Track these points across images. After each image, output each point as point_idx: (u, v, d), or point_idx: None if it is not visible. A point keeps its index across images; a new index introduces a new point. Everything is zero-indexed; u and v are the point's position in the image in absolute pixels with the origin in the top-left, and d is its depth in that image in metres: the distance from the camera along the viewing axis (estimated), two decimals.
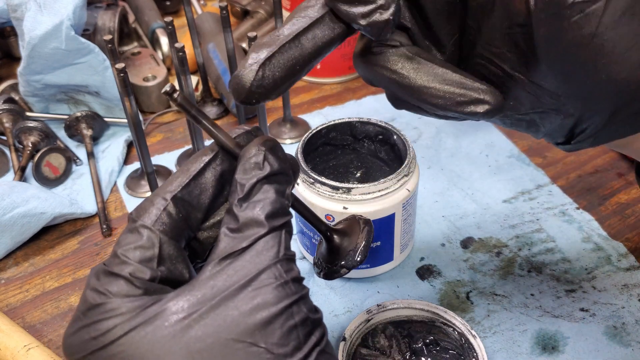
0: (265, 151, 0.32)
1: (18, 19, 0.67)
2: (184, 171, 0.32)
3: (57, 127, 0.73)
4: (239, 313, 0.28)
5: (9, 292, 0.56)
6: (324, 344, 0.30)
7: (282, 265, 0.30)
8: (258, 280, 0.29)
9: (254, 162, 0.31)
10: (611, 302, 0.51)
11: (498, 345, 0.49)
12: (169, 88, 0.31)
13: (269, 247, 0.30)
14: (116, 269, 0.29)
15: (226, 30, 0.60)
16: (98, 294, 0.29)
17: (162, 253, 0.30)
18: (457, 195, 0.63)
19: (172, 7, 0.97)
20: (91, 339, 0.28)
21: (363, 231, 0.39)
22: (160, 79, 0.76)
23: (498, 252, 0.57)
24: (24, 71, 0.67)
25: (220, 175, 0.33)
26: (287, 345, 0.28)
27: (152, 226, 0.30)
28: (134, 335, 0.28)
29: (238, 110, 0.66)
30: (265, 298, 0.29)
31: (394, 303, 0.49)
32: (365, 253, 0.38)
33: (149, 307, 0.28)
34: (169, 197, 0.31)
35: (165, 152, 0.71)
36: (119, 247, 0.30)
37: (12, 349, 0.48)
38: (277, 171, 0.32)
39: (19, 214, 0.56)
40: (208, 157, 0.33)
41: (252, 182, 0.31)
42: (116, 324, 0.28)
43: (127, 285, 0.29)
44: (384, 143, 0.55)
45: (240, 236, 0.30)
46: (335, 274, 0.39)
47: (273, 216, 0.31)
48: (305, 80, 0.82)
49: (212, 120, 0.33)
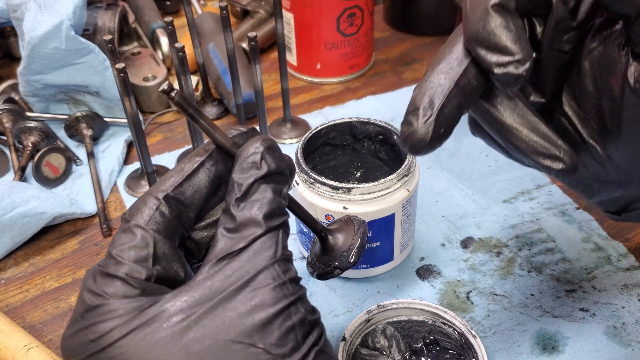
0: (262, 150, 0.32)
1: (18, 19, 0.67)
2: (178, 171, 0.32)
3: (57, 127, 0.73)
4: (237, 314, 0.28)
5: (9, 292, 0.56)
6: (322, 343, 0.30)
7: (279, 265, 0.30)
8: (256, 281, 0.29)
9: (252, 161, 0.31)
10: (611, 302, 0.51)
11: (498, 345, 0.49)
12: (166, 86, 0.30)
13: (266, 248, 0.30)
14: (112, 269, 0.29)
15: (226, 30, 0.60)
16: (95, 296, 0.29)
17: (157, 252, 0.30)
18: (457, 195, 0.63)
19: (172, 7, 0.97)
20: (89, 342, 0.28)
21: (357, 232, 0.39)
22: (160, 79, 0.76)
23: (498, 252, 0.57)
24: (24, 71, 0.67)
25: (214, 175, 0.33)
26: (286, 345, 0.28)
27: (146, 225, 0.30)
28: (133, 338, 0.28)
29: (238, 110, 0.66)
30: (263, 299, 0.29)
31: (394, 303, 0.49)
32: (359, 254, 0.38)
33: (147, 309, 0.28)
34: (161, 197, 0.31)
35: (165, 152, 0.71)
36: (114, 248, 0.30)
37: (12, 349, 0.48)
38: (275, 171, 0.32)
39: (19, 214, 0.56)
40: (202, 157, 0.33)
41: (249, 181, 0.31)
42: (114, 326, 0.28)
43: (123, 285, 0.29)
44: (384, 143, 0.55)
45: (238, 236, 0.30)
46: (328, 275, 0.39)
47: (270, 216, 0.31)
48: (305, 80, 0.82)
49: (209, 119, 0.32)
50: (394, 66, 0.85)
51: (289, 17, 0.78)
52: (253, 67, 0.60)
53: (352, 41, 0.79)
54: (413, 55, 0.87)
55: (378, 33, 0.92)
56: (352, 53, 0.80)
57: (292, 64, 0.83)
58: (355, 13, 0.77)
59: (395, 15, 0.92)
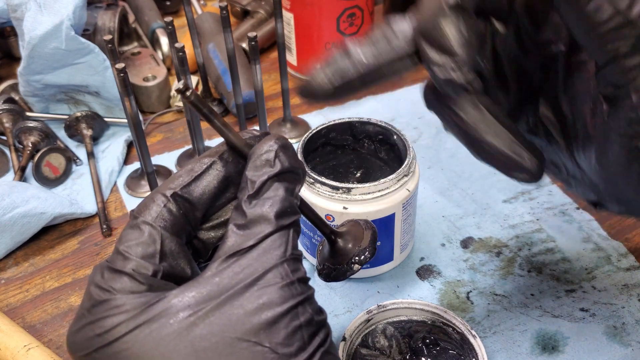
0: (277, 148, 0.32)
1: (18, 19, 0.67)
2: (188, 170, 0.33)
3: (57, 127, 0.73)
4: (244, 312, 0.28)
5: (9, 292, 0.56)
6: (328, 344, 0.30)
7: (288, 264, 0.30)
8: (264, 279, 0.29)
9: (265, 159, 0.31)
10: (611, 302, 0.51)
11: (498, 345, 0.49)
12: (182, 86, 0.30)
13: (276, 246, 0.30)
14: (119, 265, 0.29)
15: (226, 30, 0.60)
16: (102, 291, 0.29)
17: (164, 248, 0.30)
18: (457, 195, 0.63)
19: (172, 7, 0.97)
20: (96, 336, 0.28)
21: (367, 231, 0.39)
22: (160, 79, 0.76)
23: (498, 252, 0.57)
24: (24, 71, 0.67)
25: (223, 176, 0.33)
26: (292, 345, 0.28)
27: (154, 222, 0.31)
28: (139, 333, 0.28)
29: (238, 111, 0.66)
30: (271, 297, 0.28)
31: (394, 303, 0.49)
32: (373, 250, 0.38)
33: (154, 304, 0.28)
34: (169, 194, 0.31)
35: (165, 152, 0.71)
36: (121, 244, 0.30)
37: (12, 349, 0.48)
38: (288, 169, 0.32)
39: (19, 214, 0.56)
40: (213, 158, 0.33)
41: (263, 179, 0.31)
42: (121, 321, 0.28)
43: (130, 281, 0.29)
44: (384, 143, 0.55)
45: (248, 233, 0.30)
46: (347, 273, 0.38)
47: (282, 214, 0.31)
48: (305, 80, 0.82)
49: (222, 119, 0.33)
50: None
51: (289, 17, 0.78)
52: (253, 67, 0.60)
53: None
54: None
55: None
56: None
57: (292, 64, 0.83)
58: (355, 13, 0.77)
59: None
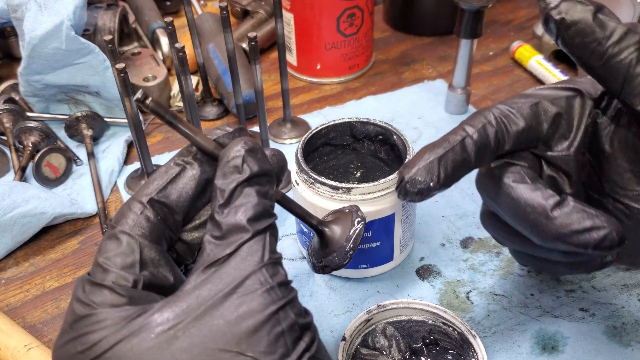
0: (244, 153, 0.31)
1: (18, 19, 0.67)
2: (161, 174, 0.32)
3: (57, 127, 0.73)
4: (225, 322, 0.28)
5: (9, 292, 0.56)
6: (315, 349, 0.30)
7: (267, 269, 0.29)
8: (243, 287, 0.28)
9: (233, 165, 0.31)
10: (611, 302, 0.52)
11: (498, 345, 0.49)
12: (140, 95, 0.30)
13: (253, 252, 0.29)
14: (99, 277, 0.29)
15: (226, 30, 0.60)
16: (83, 305, 0.29)
17: (144, 257, 0.30)
18: (457, 195, 0.63)
19: (172, 7, 0.97)
20: (78, 353, 0.28)
21: (353, 214, 0.39)
22: (160, 79, 0.76)
23: (498, 252, 0.57)
24: (24, 71, 0.67)
25: (200, 177, 0.32)
26: (275, 352, 0.28)
27: (131, 231, 0.30)
28: (121, 348, 0.27)
29: (238, 111, 0.66)
30: (251, 305, 0.28)
31: (394, 303, 0.49)
32: (356, 242, 0.38)
33: (135, 319, 0.28)
34: (146, 201, 0.31)
35: (165, 152, 0.72)
36: (100, 255, 0.30)
37: (12, 348, 0.48)
38: (258, 173, 0.31)
39: (20, 214, 0.56)
40: (186, 158, 0.32)
41: (231, 186, 0.30)
42: (102, 337, 0.28)
43: (111, 294, 0.29)
44: (384, 143, 0.56)
45: (224, 243, 0.30)
46: (344, 260, 0.38)
47: (256, 220, 0.30)
48: (305, 81, 0.82)
49: (188, 123, 0.32)
50: (393, 66, 0.85)
51: (289, 17, 0.78)
52: (253, 67, 0.60)
53: (352, 41, 0.79)
54: (413, 55, 0.87)
55: (378, 33, 0.92)
56: (352, 53, 0.80)
57: (292, 64, 0.83)
58: (355, 13, 0.77)
59: (395, 16, 0.92)
